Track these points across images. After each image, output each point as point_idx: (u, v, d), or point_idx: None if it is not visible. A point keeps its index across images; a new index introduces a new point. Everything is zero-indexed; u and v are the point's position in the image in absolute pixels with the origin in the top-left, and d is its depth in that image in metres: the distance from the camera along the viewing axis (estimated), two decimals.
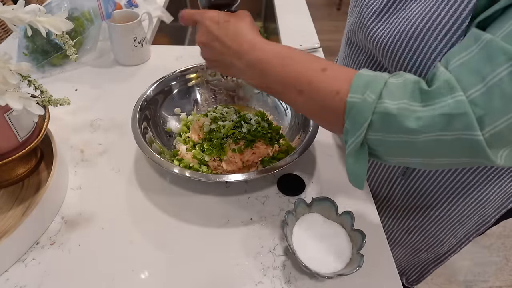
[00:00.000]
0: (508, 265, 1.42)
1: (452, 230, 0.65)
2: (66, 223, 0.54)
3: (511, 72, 0.29)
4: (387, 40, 0.47)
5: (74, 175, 0.61)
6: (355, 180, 0.41)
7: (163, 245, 0.52)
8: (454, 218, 0.62)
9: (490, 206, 0.60)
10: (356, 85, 0.37)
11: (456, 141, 0.33)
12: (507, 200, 0.59)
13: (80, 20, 0.82)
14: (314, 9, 2.26)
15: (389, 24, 0.48)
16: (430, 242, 0.68)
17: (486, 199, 0.58)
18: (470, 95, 0.31)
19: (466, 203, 0.59)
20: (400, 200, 0.64)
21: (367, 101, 0.35)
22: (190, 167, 0.59)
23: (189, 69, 0.72)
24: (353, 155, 0.39)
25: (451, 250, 0.70)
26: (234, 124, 0.63)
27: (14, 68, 0.44)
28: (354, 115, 0.37)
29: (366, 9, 0.51)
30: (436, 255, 0.72)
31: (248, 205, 0.57)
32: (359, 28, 0.53)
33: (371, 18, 0.50)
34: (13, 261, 0.49)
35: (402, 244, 0.72)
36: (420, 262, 0.75)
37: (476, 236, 0.66)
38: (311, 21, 1.09)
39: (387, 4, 0.48)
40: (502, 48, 0.30)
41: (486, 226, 0.64)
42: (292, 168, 0.63)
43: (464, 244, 0.68)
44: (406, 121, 0.34)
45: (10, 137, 0.50)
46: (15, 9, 0.43)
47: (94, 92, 0.79)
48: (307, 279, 0.49)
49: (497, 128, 0.31)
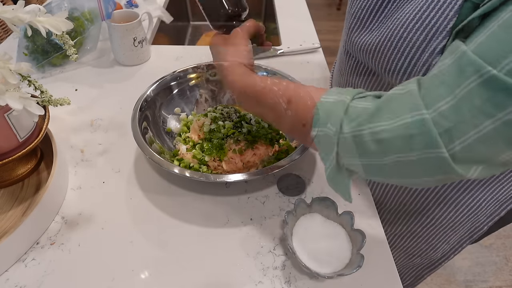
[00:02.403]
0: (508, 265, 1.42)
1: (444, 236, 0.65)
2: (66, 223, 0.54)
3: (479, 84, 0.28)
4: (378, 41, 0.47)
5: (74, 175, 0.61)
6: (342, 195, 0.41)
7: (163, 245, 0.52)
8: (445, 224, 0.62)
9: (482, 213, 0.59)
10: (317, 119, 0.38)
11: (422, 160, 0.32)
12: (499, 208, 0.59)
13: (80, 20, 0.82)
14: (314, 9, 2.27)
15: (381, 25, 0.48)
16: (423, 248, 0.68)
17: (478, 205, 0.58)
18: (439, 107, 0.30)
19: (458, 209, 0.59)
20: (392, 204, 0.64)
21: (329, 134, 0.37)
22: (190, 167, 0.59)
23: (189, 69, 0.72)
24: (332, 177, 0.40)
25: (444, 257, 0.70)
26: (234, 124, 0.63)
27: (14, 68, 0.44)
28: (322, 145, 0.39)
29: (356, 11, 0.51)
30: (430, 261, 0.72)
31: (248, 205, 0.57)
32: (348, 34, 0.54)
33: (359, 20, 0.51)
34: (13, 261, 0.49)
35: (395, 249, 0.72)
36: (415, 266, 0.76)
37: (469, 243, 0.66)
38: (311, 21, 1.09)
39: (381, 5, 0.48)
40: (470, 60, 0.29)
41: (480, 234, 0.63)
42: (292, 168, 0.63)
43: (458, 250, 0.68)
44: (365, 145, 0.34)
45: (10, 137, 0.50)
46: (15, 9, 0.43)
47: (94, 92, 0.79)
48: (307, 279, 0.49)
49: (466, 142, 0.30)
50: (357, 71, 0.56)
